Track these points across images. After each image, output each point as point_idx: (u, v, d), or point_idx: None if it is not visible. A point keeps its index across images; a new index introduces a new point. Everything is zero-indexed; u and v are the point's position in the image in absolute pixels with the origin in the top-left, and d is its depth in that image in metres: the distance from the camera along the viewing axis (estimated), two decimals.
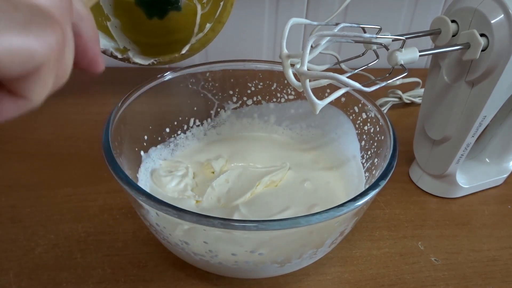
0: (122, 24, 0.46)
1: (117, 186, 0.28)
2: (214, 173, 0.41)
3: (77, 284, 0.34)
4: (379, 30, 0.32)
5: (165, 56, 0.43)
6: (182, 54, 0.42)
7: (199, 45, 0.42)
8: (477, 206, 0.45)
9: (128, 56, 0.43)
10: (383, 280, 0.36)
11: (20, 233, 0.38)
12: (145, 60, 0.43)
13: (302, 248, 0.30)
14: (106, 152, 0.30)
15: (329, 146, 0.44)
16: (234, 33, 0.67)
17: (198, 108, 0.45)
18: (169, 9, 0.48)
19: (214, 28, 0.41)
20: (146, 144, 0.40)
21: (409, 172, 0.48)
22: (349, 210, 0.27)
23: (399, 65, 0.30)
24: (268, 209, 0.37)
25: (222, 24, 0.41)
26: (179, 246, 0.30)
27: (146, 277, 0.35)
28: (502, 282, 0.37)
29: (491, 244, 0.40)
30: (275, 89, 0.45)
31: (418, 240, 0.40)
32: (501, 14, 0.32)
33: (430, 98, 0.41)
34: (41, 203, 0.41)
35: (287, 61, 0.30)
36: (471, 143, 0.40)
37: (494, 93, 0.35)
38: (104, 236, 0.38)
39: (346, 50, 0.71)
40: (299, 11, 0.66)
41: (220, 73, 0.44)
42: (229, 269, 0.31)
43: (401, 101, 0.61)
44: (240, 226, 0.26)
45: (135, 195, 0.27)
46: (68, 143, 0.50)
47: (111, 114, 0.34)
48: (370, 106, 0.38)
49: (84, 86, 0.62)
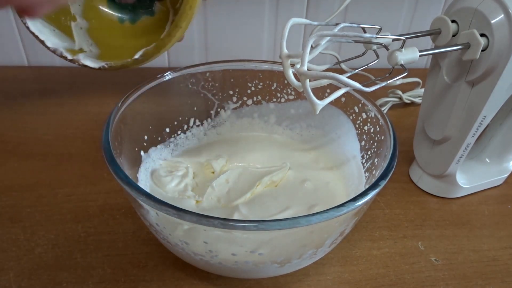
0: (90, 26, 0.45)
1: (117, 186, 0.28)
2: (214, 173, 0.41)
3: (77, 284, 0.34)
4: (379, 30, 0.32)
5: (117, 61, 0.40)
6: (135, 59, 0.39)
7: (154, 50, 0.38)
8: (477, 206, 0.45)
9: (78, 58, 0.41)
10: (383, 280, 0.36)
11: (20, 233, 0.38)
12: (96, 63, 0.41)
13: (302, 248, 0.30)
14: (106, 152, 0.30)
15: (329, 146, 0.44)
16: (234, 33, 0.67)
17: (198, 108, 0.45)
18: (142, 13, 0.46)
19: (170, 33, 0.37)
20: (146, 144, 0.40)
21: (409, 172, 0.48)
22: (349, 210, 0.27)
23: (399, 65, 0.30)
24: (268, 209, 0.37)
25: (180, 28, 0.37)
26: (179, 246, 0.30)
27: (146, 277, 0.35)
28: (502, 282, 0.37)
29: (491, 244, 0.40)
30: (275, 89, 0.45)
31: (418, 240, 0.40)
32: (501, 14, 0.32)
33: (430, 98, 0.41)
34: (41, 203, 0.41)
35: (287, 61, 0.30)
36: (471, 143, 0.40)
37: (494, 93, 0.35)
38: (104, 236, 0.38)
39: (346, 50, 0.71)
40: (299, 11, 0.66)
41: (220, 73, 0.44)
42: (229, 269, 0.31)
43: (401, 101, 0.61)
44: (240, 226, 0.26)
45: (135, 195, 0.27)
46: (68, 143, 0.50)
47: (111, 114, 0.34)
48: (370, 106, 0.38)
49: (84, 86, 0.62)
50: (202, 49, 0.69)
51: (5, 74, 0.64)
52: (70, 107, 0.56)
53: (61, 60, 0.41)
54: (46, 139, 0.50)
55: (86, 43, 0.43)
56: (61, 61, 0.41)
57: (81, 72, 0.64)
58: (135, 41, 0.44)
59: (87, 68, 0.40)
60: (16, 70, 0.65)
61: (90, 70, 0.40)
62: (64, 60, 0.40)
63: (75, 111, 0.56)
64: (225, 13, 0.65)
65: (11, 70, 0.65)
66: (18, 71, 0.65)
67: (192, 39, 0.67)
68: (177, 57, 0.69)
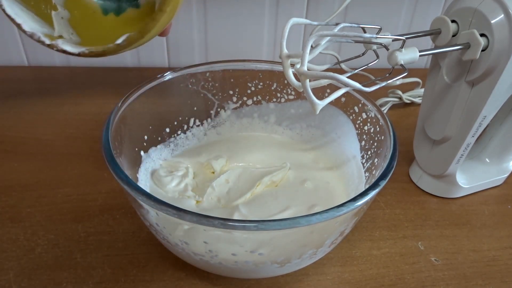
0: (71, 17, 0.43)
1: (117, 186, 0.28)
2: (214, 173, 0.41)
3: (77, 284, 0.34)
4: (379, 30, 0.32)
5: (99, 46, 0.38)
6: (118, 45, 0.37)
7: (138, 35, 0.37)
8: (477, 206, 0.45)
9: (56, 43, 0.39)
10: (383, 280, 0.36)
11: (20, 233, 0.38)
12: (76, 48, 0.39)
13: (302, 248, 0.30)
14: (106, 152, 0.30)
15: (329, 146, 0.44)
16: (234, 33, 0.67)
17: (198, 108, 0.45)
18: (127, 5, 0.43)
19: (154, 17, 0.36)
20: (146, 144, 0.40)
21: (409, 172, 0.48)
22: (349, 210, 0.27)
23: (399, 65, 0.30)
24: (268, 209, 0.37)
25: (164, 13, 0.35)
26: (179, 246, 0.30)
27: (146, 277, 0.35)
28: (502, 282, 0.37)
29: (491, 244, 0.40)
30: (275, 89, 0.45)
31: (418, 240, 0.40)
32: (501, 14, 0.32)
33: (430, 98, 0.41)
34: (41, 203, 0.41)
35: (287, 61, 0.30)
36: (471, 143, 0.40)
37: (494, 93, 0.35)
38: (104, 236, 0.38)
39: (346, 50, 0.71)
40: (299, 11, 0.66)
41: (220, 73, 0.44)
42: (229, 269, 0.31)
43: (401, 101, 0.61)
44: (240, 226, 0.26)
45: (135, 195, 0.27)
46: (68, 143, 0.50)
47: (111, 114, 0.34)
48: (370, 106, 0.38)
49: (84, 86, 0.62)
50: (202, 49, 0.69)
51: (5, 74, 0.64)
52: (70, 107, 0.56)
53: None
54: (46, 139, 0.50)
55: (66, 32, 0.41)
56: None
57: (81, 72, 0.65)
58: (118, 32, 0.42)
59: (66, 53, 0.38)
60: (16, 70, 0.65)
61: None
62: (41, 45, 0.39)
63: (75, 111, 0.56)
64: (225, 13, 0.65)
65: (11, 70, 0.65)
66: (18, 71, 0.65)
67: (192, 39, 0.67)
68: (177, 57, 0.69)
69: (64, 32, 0.41)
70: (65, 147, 0.49)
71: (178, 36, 0.67)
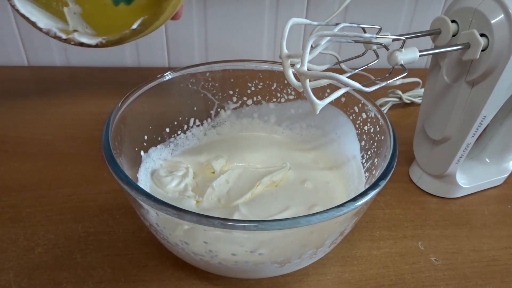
0: (83, 11, 0.43)
1: (117, 186, 0.28)
2: (214, 173, 0.41)
3: (77, 284, 0.34)
4: (379, 30, 0.32)
5: (115, 34, 0.38)
6: (134, 30, 0.37)
7: (152, 18, 0.37)
8: (477, 206, 0.45)
9: (73, 37, 0.39)
10: (383, 280, 0.36)
11: (20, 233, 0.38)
12: (93, 39, 0.39)
13: (302, 248, 0.30)
14: (106, 152, 0.30)
15: (329, 146, 0.44)
16: (234, 33, 0.67)
17: (198, 108, 0.45)
18: None
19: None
20: (146, 144, 0.40)
21: (409, 172, 0.48)
22: (349, 210, 0.27)
23: (399, 65, 0.30)
24: (268, 209, 0.37)
25: None
26: (179, 246, 0.30)
27: (146, 277, 0.35)
28: (502, 282, 0.37)
29: (491, 244, 0.40)
30: (275, 89, 0.45)
31: (418, 240, 0.40)
32: (501, 14, 0.32)
33: (430, 98, 0.41)
34: (41, 203, 0.41)
35: (287, 61, 0.30)
36: (471, 143, 0.40)
37: (494, 93, 0.35)
38: (104, 236, 0.38)
39: (346, 50, 0.71)
40: (299, 11, 0.66)
41: (220, 73, 0.44)
42: (229, 269, 0.31)
43: (401, 101, 0.61)
44: (240, 226, 0.26)
45: (135, 195, 0.27)
46: (68, 143, 0.50)
47: (111, 114, 0.34)
48: (370, 106, 0.38)
49: (84, 86, 0.62)
50: (202, 49, 0.69)
51: (5, 74, 0.64)
52: (70, 107, 0.56)
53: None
54: (46, 139, 0.50)
55: (81, 26, 0.41)
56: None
57: (81, 72, 0.65)
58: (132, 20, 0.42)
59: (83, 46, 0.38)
60: (16, 70, 0.65)
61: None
62: (58, 40, 0.39)
63: (75, 111, 0.56)
64: (225, 13, 0.65)
65: (11, 70, 0.65)
66: (18, 71, 0.65)
67: (192, 39, 0.67)
68: (177, 57, 0.69)
69: (79, 26, 0.41)
70: (65, 147, 0.49)
71: (178, 36, 0.67)
